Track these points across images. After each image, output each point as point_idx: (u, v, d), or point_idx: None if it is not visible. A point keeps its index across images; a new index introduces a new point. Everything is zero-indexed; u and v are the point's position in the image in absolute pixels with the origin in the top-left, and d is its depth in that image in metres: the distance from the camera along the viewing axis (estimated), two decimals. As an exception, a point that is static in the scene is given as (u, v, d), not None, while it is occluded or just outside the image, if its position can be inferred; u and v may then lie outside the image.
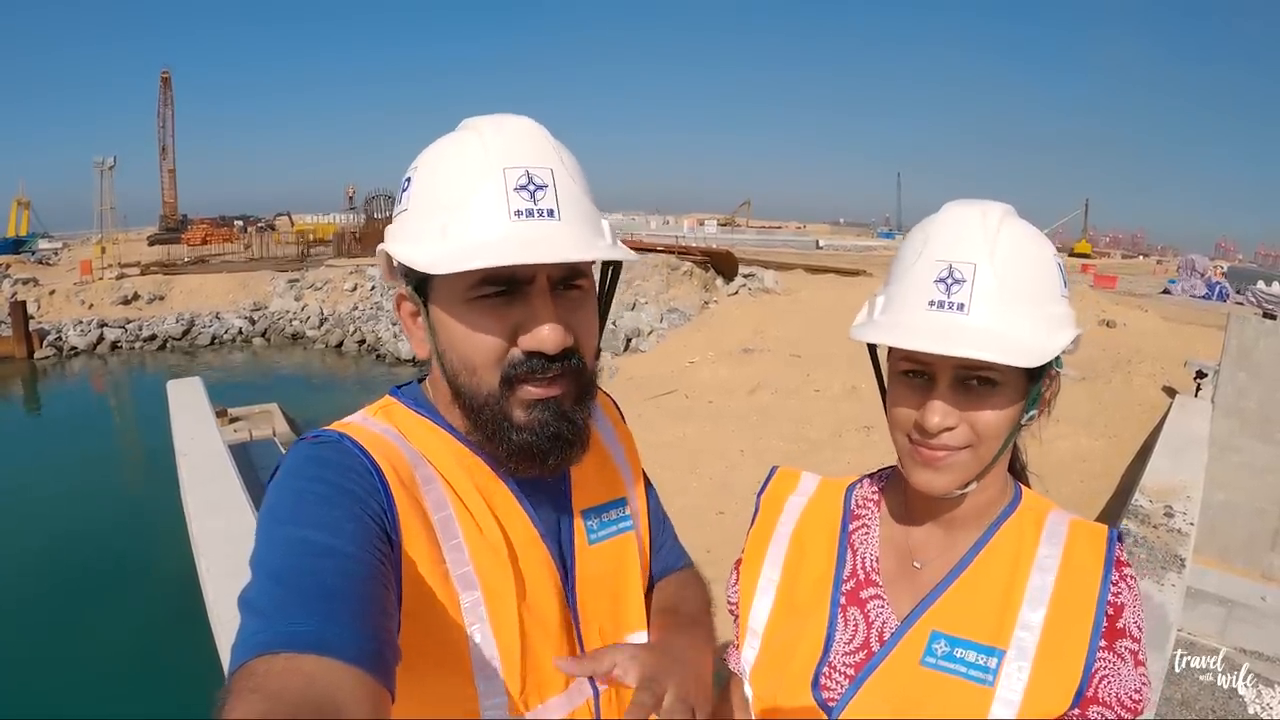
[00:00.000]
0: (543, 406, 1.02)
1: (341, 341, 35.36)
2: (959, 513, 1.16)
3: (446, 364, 1.04)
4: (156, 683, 9.94)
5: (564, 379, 1.02)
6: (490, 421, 1.03)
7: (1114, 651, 1.06)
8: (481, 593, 1.01)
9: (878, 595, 1.19)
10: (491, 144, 0.99)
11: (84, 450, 21.38)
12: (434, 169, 1.02)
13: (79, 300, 36.79)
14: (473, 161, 0.98)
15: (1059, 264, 1.10)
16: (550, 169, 0.98)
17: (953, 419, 1.05)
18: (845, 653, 1.17)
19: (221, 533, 5.54)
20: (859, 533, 1.26)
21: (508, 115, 1.04)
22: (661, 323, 27.98)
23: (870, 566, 1.22)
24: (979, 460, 1.08)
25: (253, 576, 0.84)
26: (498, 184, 0.96)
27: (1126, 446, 9.95)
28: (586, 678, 1.13)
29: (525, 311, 0.98)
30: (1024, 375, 1.05)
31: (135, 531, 14.70)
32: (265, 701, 0.68)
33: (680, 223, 75.01)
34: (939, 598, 1.13)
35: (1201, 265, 31.37)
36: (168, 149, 60.61)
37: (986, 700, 1.05)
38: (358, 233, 50.65)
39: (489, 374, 1.01)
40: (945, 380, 1.05)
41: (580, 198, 1.01)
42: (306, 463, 0.97)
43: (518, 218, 0.95)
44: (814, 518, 1.30)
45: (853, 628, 1.18)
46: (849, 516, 1.28)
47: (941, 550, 1.17)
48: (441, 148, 1.03)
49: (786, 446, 10.26)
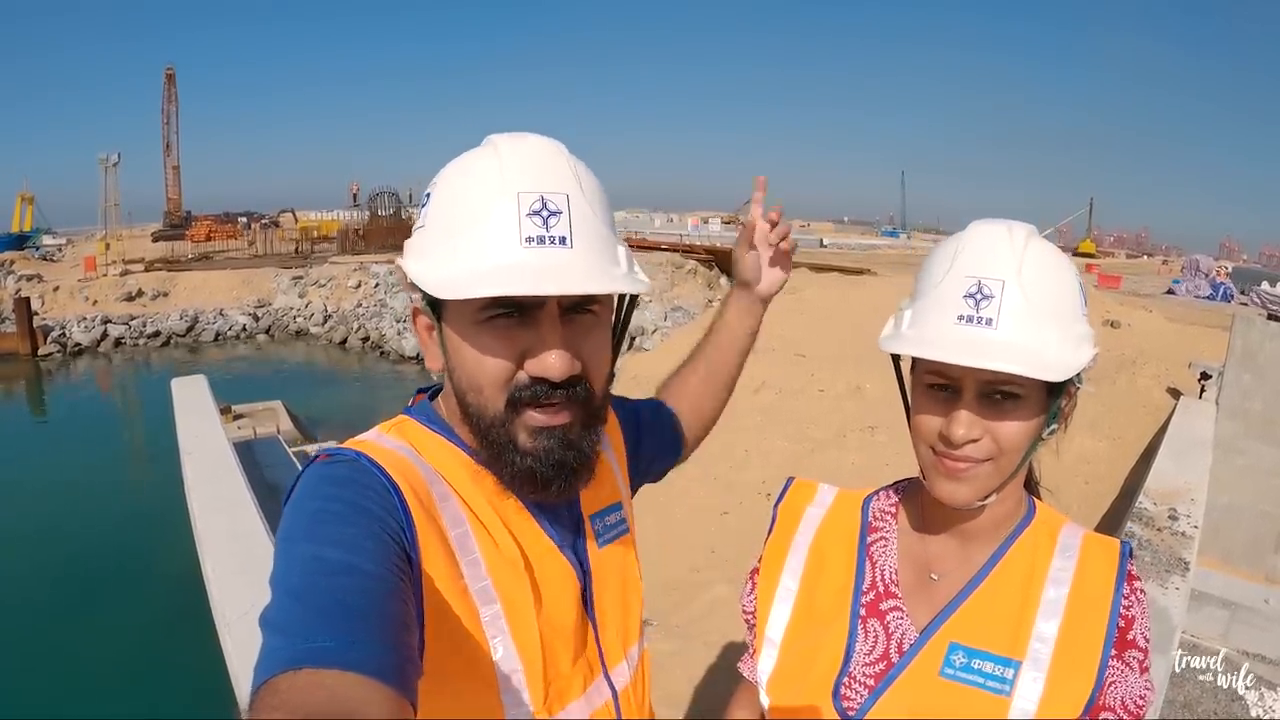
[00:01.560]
0: (548, 435, 1.01)
1: (345, 338, 35.49)
2: (975, 525, 1.18)
3: (455, 381, 1.04)
4: (161, 680, 9.97)
5: (570, 407, 1.01)
6: (496, 443, 1.02)
7: (1123, 660, 1.09)
8: (501, 606, 1.01)
9: (897, 607, 1.21)
10: (508, 165, 0.98)
11: (88, 447, 21.46)
12: (451, 187, 1.01)
13: (83, 297, 36.92)
14: (488, 183, 0.97)
15: (1080, 284, 1.12)
16: (566, 194, 0.97)
17: (977, 431, 1.07)
18: (865, 663, 1.19)
19: (226, 530, 5.56)
20: (877, 545, 1.28)
21: (528, 135, 1.03)
22: (666, 321, 28.05)
23: (889, 578, 1.24)
24: (1000, 473, 1.10)
25: (273, 595, 0.83)
26: (510, 208, 0.95)
27: (1130, 448, 9.92)
28: (605, 680, 1.14)
29: (534, 336, 0.98)
30: (1045, 390, 1.08)
31: (139, 529, 14.73)
32: (289, 716, 0.68)
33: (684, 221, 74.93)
34: (956, 610, 1.15)
35: (1206, 265, 31.20)
36: (172, 145, 60.57)
37: (1003, 709, 1.07)
38: (361, 230, 50.64)
39: (495, 396, 1.00)
40: (971, 393, 1.07)
41: (596, 225, 0.99)
42: (323, 482, 0.96)
43: (529, 244, 0.94)
44: (832, 529, 1.32)
45: (872, 639, 1.20)
46: (867, 528, 1.30)
47: (958, 563, 1.19)
48: (460, 166, 1.02)
49: (791, 446, 10.23)
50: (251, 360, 33.36)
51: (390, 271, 37.79)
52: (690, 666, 4.75)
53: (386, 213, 52.35)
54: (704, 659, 4.84)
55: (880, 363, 1.23)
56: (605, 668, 1.15)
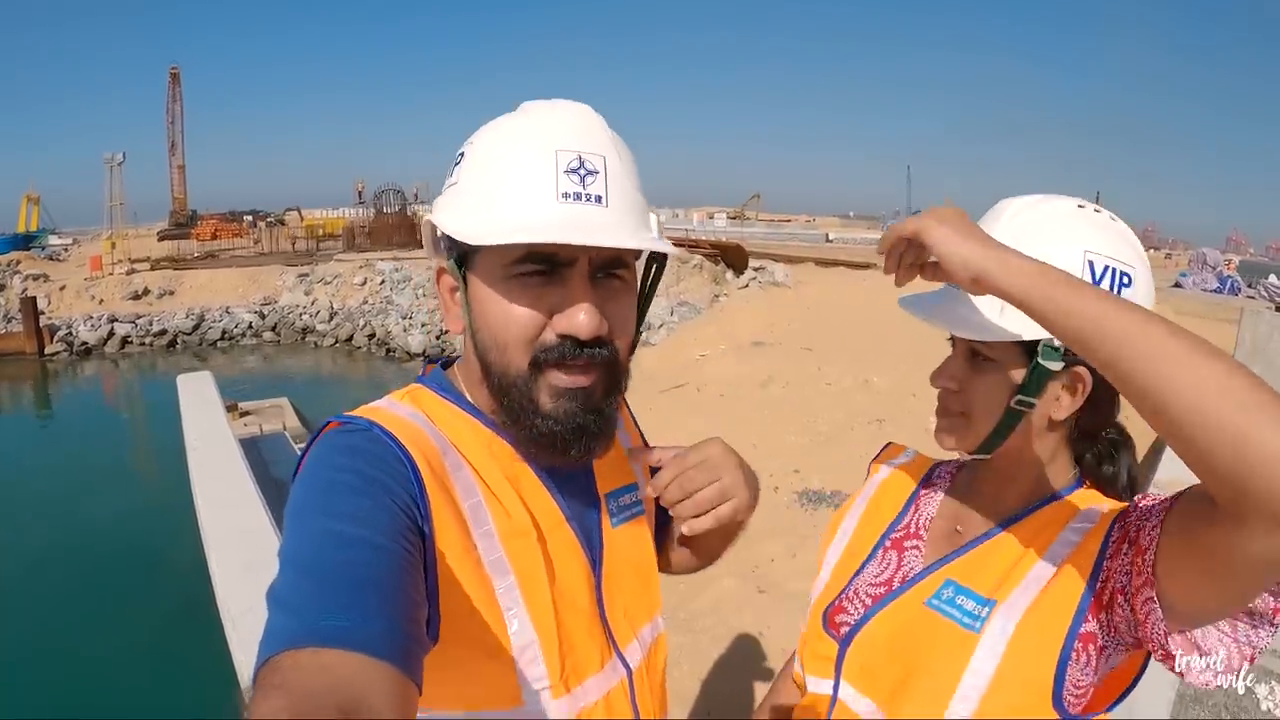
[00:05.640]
0: (570, 396, 1.01)
1: (351, 335, 35.43)
2: (1009, 492, 1.24)
3: (479, 341, 1.03)
4: (168, 677, 9.99)
5: (595, 368, 1.02)
6: (516, 404, 1.02)
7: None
8: (515, 578, 1.00)
9: (917, 546, 1.32)
10: (546, 125, 0.99)
11: (94, 446, 21.51)
12: (488, 145, 1.01)
13: (89, 296, 37.01)
14: (526, 141, 0.98)
15: (1144, 258, 1.18)
16: (603, 156, 0.99)
17: (953, 384, 1.21)
18: (870, 583, 1.31)
19: (232, 526, 5.56)
20: (926, 496, 1.39)
21: (565, 100, 1.04)
22: (672, 316, 28.01)
23: (923, 524, 1.35)
24: (970, 426, 1.20)
25: (280, 569, 0.82)
26: (549, 164, 0.96)
27: (1140, 442, 9.86)
28: (618, 658, 1.14)
29: (563, 293, 0.98)
30: (1021, 360, 1.13)
31: (145, 525, 14.76)
32: (289, 698, 0.67)
33: (690, 216, 75.25)
34: (963, 554, 1.24)
35: (1213, 259, 31.09)
36: (177, 145, 60.58)
37: (970, 646, 1.12)
38: (367, 227, 50.73)
39: (519, 354, 1.00)
40: (961, 351, 1.21)
41: (630, 189, 1.01)
42: (335, 451, 0.95)
43: (565, 200, 0.95)
44: (898, 479, 1.45)
45: (884, 565, 1.32)
46: (924, 482, 1.42)
47: (983, 522, 1.26)
48: (496, 126, 1.03)
49: (798, 439, 10.22)
50: (257, 358, 33.47)
51: (396, 268, 37.95)
52: (696, 660, 4.74)
53: (392, 210, 52.42)
54: (711, 653, 4.83)
55: (888, 356, 1.24)
56: (616, 645, 1.14)
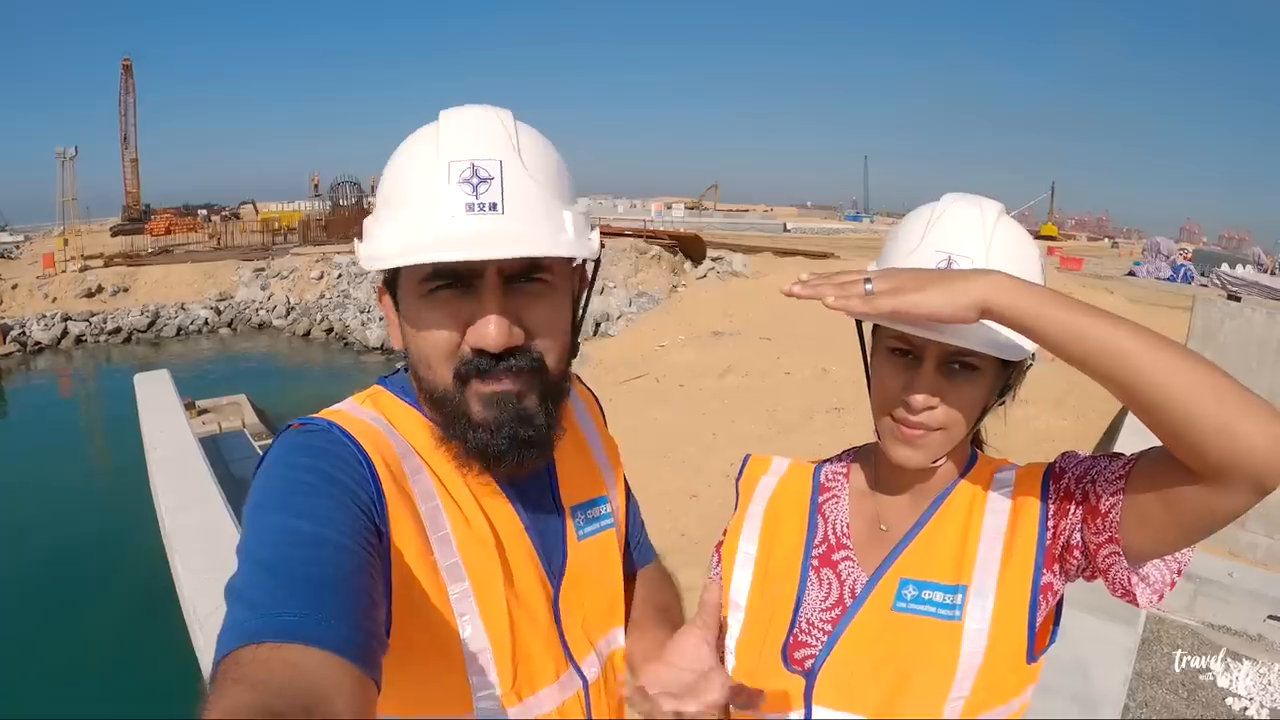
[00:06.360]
0: (500, 404, 0.99)
1: (309, 330, 35.08)
2: (928, 478, 1.23)
3: (410, 357, 1.04)
4: (131, 678, 9.85)
5: (519, 376, 1.00)
6: (450, 416, 1.02)
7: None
8: (470, 584, 1.00)
9: (848, 557, 1.26)
10: (444, 136, 0.98)
11: (51, 447, 21.11)
12: (395, 164, 1.02)
13: (42, 294, 36.18)
14: (424, 155, 0.98)
15: (1043, 265, 1.17)
16: (499, 160, 0.96)
17: (935, 400, 1.12)
18: (821, 609, 1.23)
19: (194, 526, 5.50)
20: (829, 503, 1.33)
21: (470, 106, 1.02)
22: (630, 306, 28.05)
23: (841, 531, 1.29)
24: (950, 440, 1.15)
25: (240, 565, 0.83)
26: (441, 177, 0.95)
27: (1094, 426, 10.06)
28: (574, 670, 1.13)
29: (474, 306, 0.97)
30: (1000, 364, 1.13)
31: (105, 527, 14.48)
32: (250, 692, 0.67)
33: (647, 206, 75.05)
34: (904, 550, 1.21)
35: (1166, 248, 31.69)
36: (129, 138, 59.36)
37: (956, 634, 1.12)
38: (323, 220, 50.18)
39: (442, 369, 1.00)
40: (932, 361, 1.12)
41: (533, 190, 0.97)
42: (295, 451, 0.95)
43: (464, 212, 0.94)
44: (786, 493, 1.37)
45: (826, 586, 1.25)
46: (818, 489, 1.35)
47: (907, 513, 1.25)
48: (405, 143, 1.03)
49: (758, 429, 10.29)
50: (215, 354, 32.92)
51: (352, 262, 37.48)
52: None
53: (348, 202, 51.95)
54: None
55: (846, 345, 1.25)
56: (572, 658, 1.14)
